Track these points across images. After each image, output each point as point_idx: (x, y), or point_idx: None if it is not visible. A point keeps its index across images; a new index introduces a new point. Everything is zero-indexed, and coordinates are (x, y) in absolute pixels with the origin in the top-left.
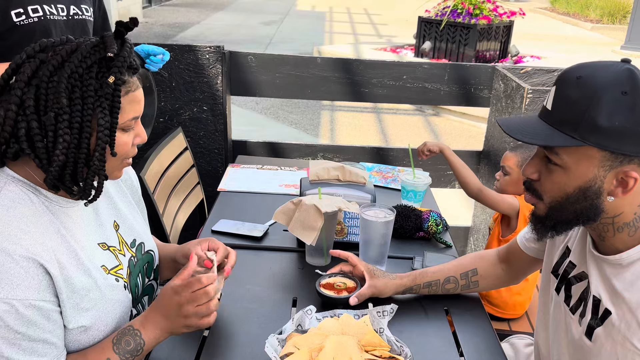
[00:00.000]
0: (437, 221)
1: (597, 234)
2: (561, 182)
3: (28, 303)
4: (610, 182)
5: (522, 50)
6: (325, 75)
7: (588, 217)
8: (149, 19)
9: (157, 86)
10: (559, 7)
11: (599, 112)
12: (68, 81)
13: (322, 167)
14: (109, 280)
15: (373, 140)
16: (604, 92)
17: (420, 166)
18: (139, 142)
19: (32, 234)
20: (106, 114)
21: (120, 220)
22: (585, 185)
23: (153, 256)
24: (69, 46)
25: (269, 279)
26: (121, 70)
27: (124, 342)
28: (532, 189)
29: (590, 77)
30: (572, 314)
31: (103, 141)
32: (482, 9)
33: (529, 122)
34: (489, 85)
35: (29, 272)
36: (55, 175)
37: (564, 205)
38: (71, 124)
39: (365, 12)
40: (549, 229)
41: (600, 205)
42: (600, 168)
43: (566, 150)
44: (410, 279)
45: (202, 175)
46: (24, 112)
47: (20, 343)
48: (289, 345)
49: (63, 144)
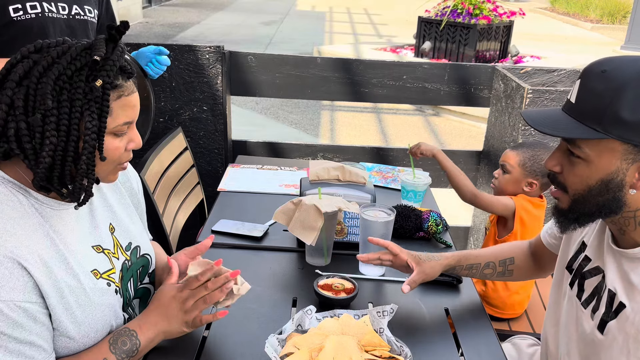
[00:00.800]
0: (437, 221)
1: (617, 228)
2: (583, 175)
3: (13, 304)
4: (632, 176)
5: (522, 50)
6: (325, 75)
7: (610, 210)
8: (149, 19)
9: (157, 86)
10: (559, 7)
11: (622, 105)
12: (56, 83)
13: (322, 167)
14: (99, 284)
15: (373, 140)
16: (628, 85)
17: (420, 166)
18: (133, 147)
19: (17, 236)
20: (94, 118)
21: (116, 222)
22: (607, 178)
23: (149, 260)
24: (61, 48)
25: (269, 279)
26: (109, 74)
27: (120, 342)
28: (556, 181)
29: (615, 71)
30: (583, 308)
31: (90, 145)
32: (482, 9)
33: (552, 115)
34: (489, 85)
35: (13, 273)
36: (42, 176)
37: (586, 198)
38: (58, 126)
39: (365, 12)
40: (572, 222)
41: (622, 198)
42: (622, 161)
43: (588, 143)
44: (454, 260)
45: (202, 175)
46: (14, 112)
47: (6, 345)
48: (289, 345)
49: (50, 145)
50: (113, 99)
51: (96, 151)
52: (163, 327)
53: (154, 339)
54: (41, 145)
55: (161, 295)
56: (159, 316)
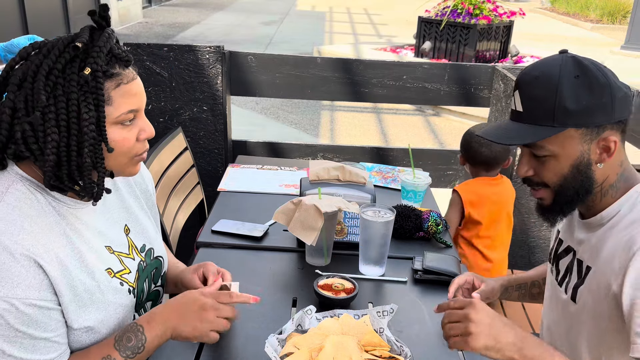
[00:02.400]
0: (437, 221)
1: (585, 206)
2: (556, 168)
3: (28, 302)
4: (594, 152)
5: (522, 50)
6: (325, 75)
7: (586, 190)
8: (149, 19)
9: (157, 86)
10: (559, 7)
11: (565, 98)
12: (48, 78)
13: (322, 167)
14: (113, 283)
15: (373, 140)
16: (561, 81)
17: (420, 166)
18: (146, 136)
19: (34, 234)
20: (91, 109)
21: (131, 224)
22: (576, 162)
23: (162, 262)
24: (51, 43)
25: (269, 279)
26: (97, 61)
27: (125, 339)
28: (533, 183)
29: (545, 73)
30: (559, 286)
31: (90, 137)
32: (482, 9)
33: (507, 127)
34: (489, 85)
35: (29, 271)
36: (51, 175)
37: (564, 186)
38: (58, 122)
39: (365, 12)
40: (557, 214)
41: (592, 175)
42: (582, 143)
43: (549, 140)
44: (506, 281)
45: (202, 175)
46: (17, 115)
47: (21, 341)
48: (289, 345)
49: (52, 142)
50: (112, 87)
51: (103, 143)
52: (174, 324)
53: (162, 336)
54: (45, 143)
55: (185, 294)
56: (173, 312)
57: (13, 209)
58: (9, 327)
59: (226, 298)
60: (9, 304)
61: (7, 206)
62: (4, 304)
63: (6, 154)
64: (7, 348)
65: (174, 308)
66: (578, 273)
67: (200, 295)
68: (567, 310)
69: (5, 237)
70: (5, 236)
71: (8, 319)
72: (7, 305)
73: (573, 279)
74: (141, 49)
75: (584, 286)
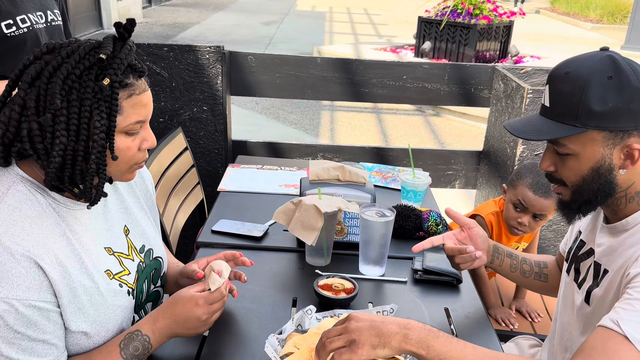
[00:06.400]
0: (437, 221)
1: (610, 210)
2: (575, 168)
3: (28, 303)
4: (617, 157)
5: (522, 50)
6: (325, 75)
7: (606, 194)
8: (149, 19)
9: (157, 86)
10: (559, 7)
11: (591, 99)
12: (65, 82)
13: (322, 167)
14: (112, 285)
15: (373, 140)
16: (591, 81)
17: (420, 166)
18: (148, 146)
19: (35, 235)
20: (103, 117)
21: (131, 224)
22: (596, 165)
23: (161, 263)
24: (71, 47)
25: (269, 279)
26: (117, 72)
27: (132, 348)
28: (554, 179)
29: (577, 70)
30: (578, 289)
31: (99, 144)
32: (482, 9)
33: (531, 121)
34: (489, 85)
35: (29, 272)
36: (54, 176)
37: (583, 187)
38: (68, 125)
39: (365, 12)
40: (575, 212)
41: (614, 180)
42: (605, 147)
43: (571, 139)
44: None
45: (202, 175)
46: (26, 112)
47: (19, 343)
48: (289, 345)
49: (60, 145)
50: (124, 97)
51: (107, 150)
52: (177, 332)
53: (164, 341)
54: (52, 145)
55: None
56: (176, 324)
57: (14, 209)
58: (7, 329)
59: (217, 297)
60: (9, 305)
61: (8, 207)
62: (4, 305)
63: (11, 151)
64: (4, 349)
65: (174, 319)
66: (594, 276)
67: (195, 306)
68: (581, 313)
69: (5, 237)
70: (5, 237)
71: (7, 320)
72: (7, 306)
73: (588, 280)
74: (141, 49)
75: (598, 289)
